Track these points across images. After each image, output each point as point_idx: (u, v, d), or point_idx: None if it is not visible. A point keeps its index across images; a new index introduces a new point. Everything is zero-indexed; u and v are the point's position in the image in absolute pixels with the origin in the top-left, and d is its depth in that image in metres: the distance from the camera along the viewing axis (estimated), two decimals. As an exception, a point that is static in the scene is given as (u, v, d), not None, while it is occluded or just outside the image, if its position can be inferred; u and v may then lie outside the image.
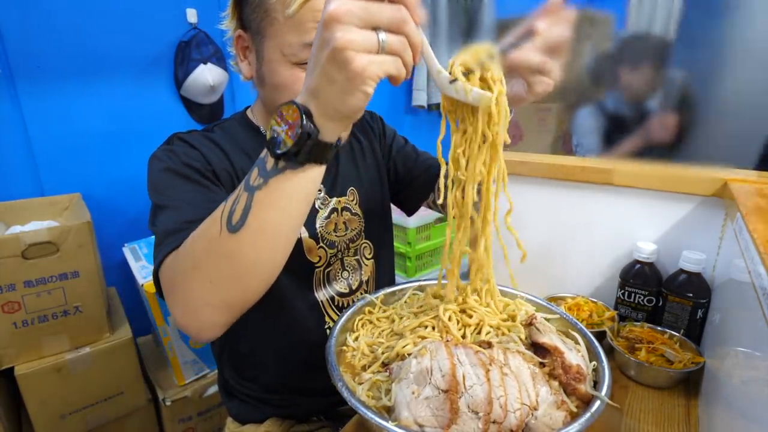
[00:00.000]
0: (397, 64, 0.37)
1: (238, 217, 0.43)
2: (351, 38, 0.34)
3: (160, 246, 0.52)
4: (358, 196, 0.79)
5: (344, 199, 0.77)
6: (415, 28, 0.37)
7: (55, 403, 1.25)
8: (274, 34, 0.60)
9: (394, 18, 0.36)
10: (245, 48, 0.66)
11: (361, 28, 0.35)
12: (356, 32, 0.34)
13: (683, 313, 0.77)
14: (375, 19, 0.35)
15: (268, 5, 0.59)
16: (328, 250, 0.74)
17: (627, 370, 0.74)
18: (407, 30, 0.37)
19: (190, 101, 1.66)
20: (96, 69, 1.46)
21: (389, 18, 0.35)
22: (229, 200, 0.45)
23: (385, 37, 0.35)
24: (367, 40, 0.35)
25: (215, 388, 1.47)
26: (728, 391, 0.54)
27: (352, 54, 0.34)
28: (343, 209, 0.76)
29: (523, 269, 0.67)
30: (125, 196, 1.58)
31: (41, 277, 1.17)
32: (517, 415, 0.44)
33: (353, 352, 0.58)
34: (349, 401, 0.46)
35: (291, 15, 0.56)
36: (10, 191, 1.37)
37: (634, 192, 0.85)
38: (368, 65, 0.35)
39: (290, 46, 0.59)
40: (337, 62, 0.35)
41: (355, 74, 0.35)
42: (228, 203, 0.45)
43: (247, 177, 0.45)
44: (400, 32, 0.36)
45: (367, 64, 0.35)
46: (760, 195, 0.66)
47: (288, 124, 0.39)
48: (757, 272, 0.44)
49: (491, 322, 0.57)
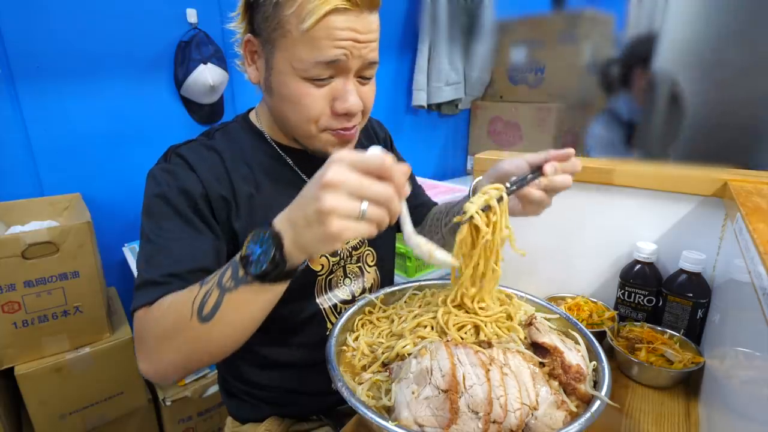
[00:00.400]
0: (371, 229, 0.42)
1: (208, 310, 0.49)
2: (337, 205, 0.39)
3: (137, 291, 0.57)
4: None
5: None
6: (398, 202, 0.42)
7: (54, 403, 1.25)
8: (285, 47, 0.58)
9: (381, 195, 0.41)
10: (254, 52, 0.64)
11: (350, 196, 0.40)
12: (344, 200, 0.40)
13: (683, 313, 0.77)
14: (364, 192, 0.41)
15: (282, 17, 0.56)
16: (331, 258, 0.74)
17: (627, 370, 0.74)
18: (390, 205, 0.42)
19: (190, 101, 1.66)
20: (96, 69, 1.46)
21: (377, 194, 0.41)
22: (203, 289, 0.50)
23: (366, 208, 0.41)
24: (350, 208, 0.40)
25: (215, 388, 1.47)
26: (728, 391, 0.54)
27: (334, 218, 0.40)
28: None
29: (524, 269, 0.67)
30: (125, 196, 1.58)
31: (41, 277, 1.17)
32: (517, 415, 0.44)
33: (353, 352, 0.58)
34: (349, 401, 0.46)
35: (306, 30, 0.55)
36: (10, 191, 1.37)
37: (634, 192, 0.85)
38: (344, 230, 0.40)
39: (301, 62, 0.57)
40: (319, 219, 0.40)
41: (331, 234, 0.40)
42: (201, 292, 0.50)
43: (222, 272, 0.50)
44: (382, 206, 0.42)
45: (343, 228, 0.40)
46: (760, 195, 0.66)
47: (262, 249, 0.45)
48: (757, 272, 0.44)
49: (488, 327, 0.57)
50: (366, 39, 0.58)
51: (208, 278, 0.51)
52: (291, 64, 0.58)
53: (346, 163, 0.41)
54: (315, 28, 0.54)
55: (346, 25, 0.55)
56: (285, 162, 0.71)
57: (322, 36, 0.55)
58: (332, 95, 0.60)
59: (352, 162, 0.41)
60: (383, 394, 0.49)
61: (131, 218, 1.60)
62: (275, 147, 0.71)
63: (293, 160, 0.71)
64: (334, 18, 0.54)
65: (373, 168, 0.41)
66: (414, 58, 2.28)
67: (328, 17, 0.54)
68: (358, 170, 0.41)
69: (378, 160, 0.41)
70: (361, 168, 0.41)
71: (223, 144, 0.68)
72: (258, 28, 0.60)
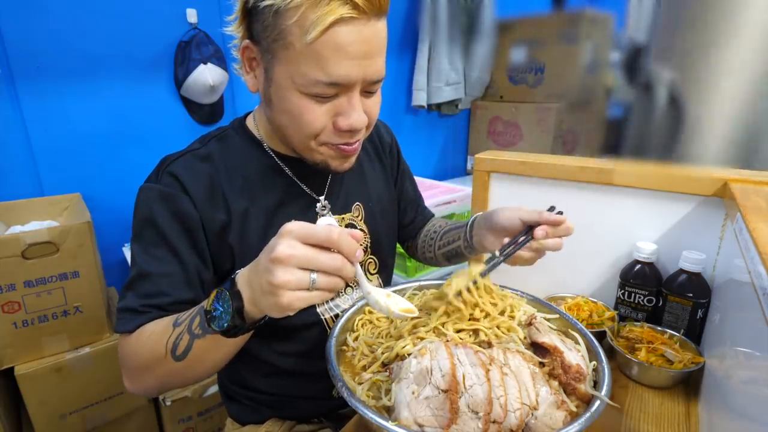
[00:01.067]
0: (323, 296, 0.44)
1: (180, 351, 0.53)
2: (287, 279, 0.41)
3: (119, 315, 0.60)
4: (363, 211, 0.77)
5: (348, 216, 0.75)
6: (349, 268, 0.44)
7: (54, 403, 1.25)
8: (287, 60, 0.54)
9: (330, 266, 0.43)
10: (252, 59, 0.60)
11: (300, 269, 0.42)
12: (293, 273, 0.42)
13: (683, 313, 0.77)
14: (313, 264, 0.42)
15: (283, 27, 0.52)
16: None
17: (627, 370, 0.74)
18: (340, 273, 0.44)
19: (190, 101, 1.66)
20: (96, 69, 1.46)
21: (326, 265, 0.43)
22: (175, 331, 0.53)
23: (316, 278, 0.43)
24: (301, 281, 0.42)
25: (215, 388, 1.47)
26: (728, 391, 0.54)
27: (284, 291, 0.42)
28: (347, 226, 0.74)
29: (524, 269, 0.67)
30: (125, 196, 1.57)
31: (41, 277, 1.17)
32: (517, 414, 0.44)
33: (353, 352, 0.58)
34: (349, 401, 0.46)
35: (309, 43, 0.51)
36: (10, 191, 1.37)
37: (634, 192, 0.85)
38: (296, 301, 0.43)
39: (303, 77, 0.54)
40: (271, 291, 0.43)
41: (283, 305, 0.43)
42: (174, 333, 0.53)
43: (192, 318, 0.53)
44: (332, 275, 0.44)
45: (294, 300, 0.42)
46: (760, 195, 0.66)
47: (223, 309, 0.48)
48: (757, 272, 0.44)
49: (486, 324, 0.57)
50: (374, 52, 0.54)
51: (182, 319, 0.54)
52: (292, 78, 0.55)
53: (294, 237, 0.42)
54: (319, 42, 0.51)
55: (352, 38, 0.52)
56: (281, 170, 0.69)
57: (327, 52, 0.51)
58: (335, 111, 0.57)
59: (301, 236, 0.43)
60: (383, 394, 0.49)
61: (131, 218, 1.60)
62: (272, 156, 0.69)
63: (291, 169, 0.69)
64: (340, 30, 0.51)
65: (321, 241, 0.43)
66: (414, 58, 2.28)
67: (333, 28, 0.50)
68: (307, 243, 0.43)
69: (324, 234, 0.43)
70: (310, 241, 0.43)
71: (219, 153, 0.66)
72: (257, 36, 0.56)
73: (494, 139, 2.50)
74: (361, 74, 0.54)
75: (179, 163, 0.64)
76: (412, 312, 0.52)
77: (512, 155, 1.01)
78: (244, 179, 0.66)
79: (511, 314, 0.60)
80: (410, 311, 0.52)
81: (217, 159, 0.65)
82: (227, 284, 0.49)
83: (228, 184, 0.65)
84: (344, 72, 0.53)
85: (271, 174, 0.68)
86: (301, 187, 0.70)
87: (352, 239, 0.44)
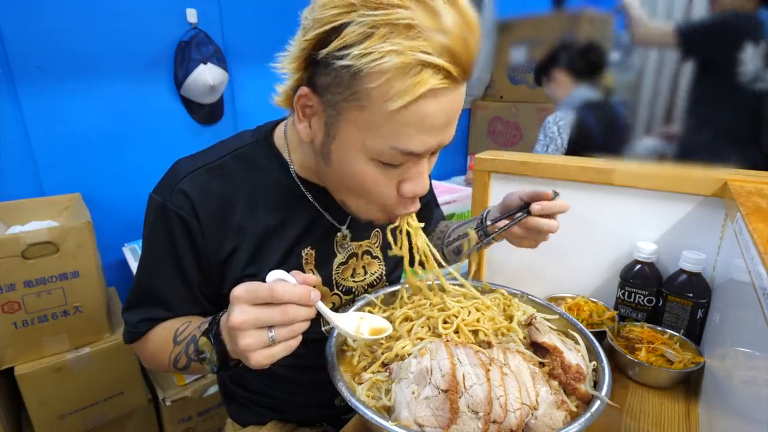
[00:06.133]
0: (289, 347, 0.46)
1: (181, 366, 0.59)
2: (248, 343, 0.44)
3: (126, 328, 0.66)
4: (381, 238, 0.74)
5: (366, 243, 0.72)
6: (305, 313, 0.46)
7: (54, 403, 1.25)
8: (358, 122, 0.48)
9: (282, 320, 0.45)
10: (307, 107, 0.53)
11: (257, 330, 0.44)
12: (251, 336, 0.44)
13: (683, 313, 0.77)
14: (266, 323, 0.44)
15: (361, 89, 0.46)
16: (344, 296, 0.70)
17: (627, 370, 0.74)
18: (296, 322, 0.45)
19: (190, 101, 1.66)
20: (96, 69, 1.46)
21: (278, 320, 0.44)
22: (176, 349, 0.59)
23: (274, 334, 0.45)
24: (260, 341, 0.45)
25: (215, 388, 1.47)
26: (728, 391, 0.54)
27: (249, 353, 0.45)
28: (364, 253, 0.72)
29: (524, 269, 0.67)
30: (125, 196, 1.58)
31: (41, 277, 1.17)
32: (517, 414, 0.44)
33: (353, 352, 0.58)
34: (349, 401, 0.46)
35: (391, 111, 0.46)
36: (10, 191, 1.37)
37: (634, 192, 0.85)
38: (262, 359, 0.45)
39: (377, 144, 0.49)
40: (239, 354, 0.46)
41: (252, 365, 0.45)
42: (174, 351, 0.59)
43: (188, 344, 0.57)
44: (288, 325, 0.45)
45: (261, 358, 0.45)
46: (760, 195, 0.66)
47: (209, 355, 0.51)
48: (757, 272, 0.44)
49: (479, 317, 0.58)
50: (455, 118, 0.51)
51: (181, 338, 0.59)
52: (364, 142, 0.50)
53: (243, 302, 0.44)
54: (403, 112, 0.46)
55: (438, 108, 0.47)
56: (305, 197, 0.65)
57: (410, 123, 0.47)
58: (401, 177, 0.54)
59: (248, 300, 0.44)
60: (383, 394, 0.49)
61: (131, 218, 1.60)
62: (297, 182, 0.64)
63: (315, 197, 0.65)
64: (428, 101, 0.46)
65: (266, 299, 0.44)
66: (414, 58, 2.28)
67: (421, 100, 0.46)
68: (256, 304, 0.44)
69: (267, 292, 0.44)
70: (257, 302, 0.44)
71: (239, 173, 0.62)
72: (321, 88, 0.50)
73: (494, 139, 2.50)
74: (437, 143, 0.51)
75: (193, 181, 0.60)
76: (385, 331, 0.54)
77: (512, 155, 1.01)
78: (265, 204, 0.63)
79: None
80: (383, 330, 0.54)
81: (236, 179, 0.61)
82: (214, 329, 0.51)
83: (245, 207, 0.61)
84: (424, 143, 0.49)
85: (293, 200, 0.64)
86: (324, 215, 0.66)
87: (300, 287, 0.45)
